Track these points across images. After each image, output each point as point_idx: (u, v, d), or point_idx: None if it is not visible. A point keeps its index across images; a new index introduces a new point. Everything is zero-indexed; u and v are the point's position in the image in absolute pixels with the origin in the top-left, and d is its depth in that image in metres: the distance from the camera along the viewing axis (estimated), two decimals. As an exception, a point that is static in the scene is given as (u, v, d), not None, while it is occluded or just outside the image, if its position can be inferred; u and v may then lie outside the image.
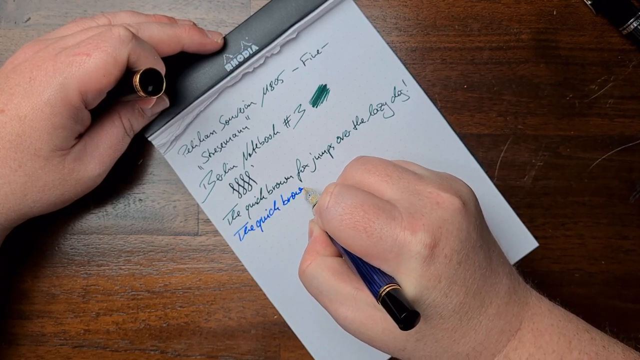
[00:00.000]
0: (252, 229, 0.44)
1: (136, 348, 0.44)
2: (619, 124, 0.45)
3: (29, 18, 0.45)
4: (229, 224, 0.44)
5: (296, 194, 0.44)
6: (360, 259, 0.34)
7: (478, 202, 0.36)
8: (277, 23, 0.43)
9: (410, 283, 0.32)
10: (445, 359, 0.34)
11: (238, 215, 0.44)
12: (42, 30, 0.45)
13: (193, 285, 0.45)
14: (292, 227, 0.44)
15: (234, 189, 0.44)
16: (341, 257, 0.37)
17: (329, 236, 0.37)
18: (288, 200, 0.44)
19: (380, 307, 0.32)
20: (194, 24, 0.43)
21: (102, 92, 0.36)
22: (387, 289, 0.31)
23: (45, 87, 0.35)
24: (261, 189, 0.44)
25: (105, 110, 0.40)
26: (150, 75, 0.36)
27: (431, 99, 0.45)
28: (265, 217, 0.44)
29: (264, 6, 0.43)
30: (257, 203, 0.44)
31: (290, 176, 0.44)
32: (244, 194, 0.44)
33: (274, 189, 0.44)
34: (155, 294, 0.45)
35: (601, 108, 0.45)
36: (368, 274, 0.33)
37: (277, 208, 0.44)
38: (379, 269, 0.33)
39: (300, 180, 0.44)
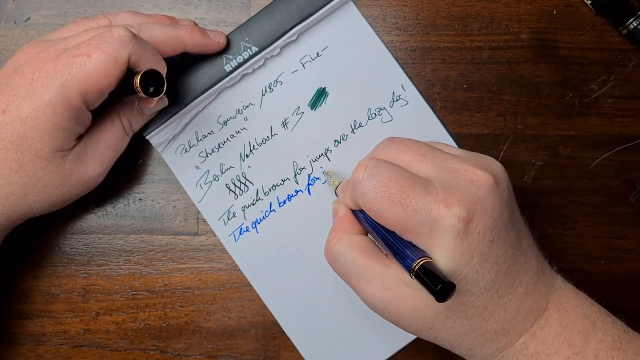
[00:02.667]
0: (247, 230, 0.44)
1: (136, 348, 0.45)
2: (618, 124, 0.45)
3: (29, 18, 0.45)
4: (225, 224, 0.44)
5: (293, 196, 0.44)
6: (392, 235, 0.34)
7: (510, 182, 0.35)
8: (278, 25, 0.43)
9: (443, 257, 0.32)
10: (474, 337, 0.34)
11: (234, 216, 0.44)
12: (42, 30, 0.45)
13: (193, 285, 0.45)
14: (287, 230, 0.44)
15: (230, 190, 0.44)
16: (368, 235, 0.37)
17: (355, 215, 0.37)
18: (284, 202, 0.44)
19: (411, 282, 0.32)
20: (195, 23, 0.43)
21: (103, 93, 0.36)
22: (421, 262, 0.31)
23: (47, 88, 0.35)
24: (258, 190, 0.44)
25: (104, 111, 0.40)
26: (151, 77, 0.36)
27: (431, 99, 0.45)
28: (261, 218, 0.44)
29: (265, 7, 0.43)
30: (254, 204, 0.44)
31: (287, 179, 0.44)
32: (241, 195, 0.44)
33: (270, 190, 0.44)
34: (155, 294, 0.45)
35: (601, 108, 0.45)
36: (400, 249, 0.33)
37: (273, 210, 0.44)
38: (410, 244, 0.33)
39: (297, 183, 0.44)
